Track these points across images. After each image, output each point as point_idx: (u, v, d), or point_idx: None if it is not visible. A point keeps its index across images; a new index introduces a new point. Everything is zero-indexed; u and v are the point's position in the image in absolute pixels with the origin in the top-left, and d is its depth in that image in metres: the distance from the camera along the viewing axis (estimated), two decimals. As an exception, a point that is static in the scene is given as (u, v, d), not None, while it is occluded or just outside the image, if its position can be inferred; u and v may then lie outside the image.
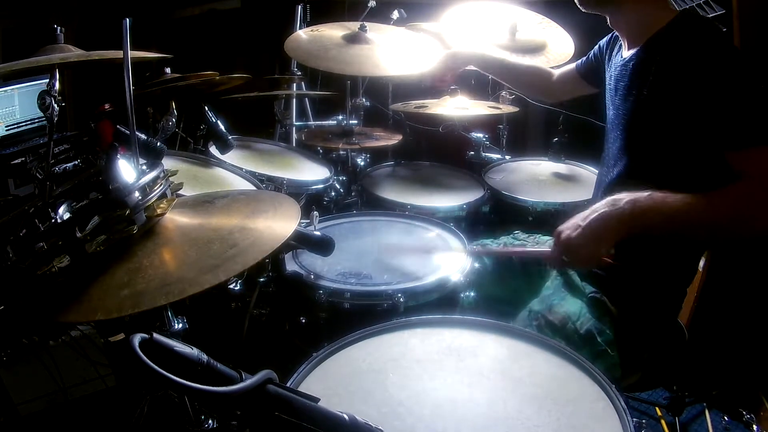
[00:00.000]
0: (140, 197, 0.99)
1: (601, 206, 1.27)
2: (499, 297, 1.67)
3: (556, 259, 1.36)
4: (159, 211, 1.01)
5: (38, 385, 1.87)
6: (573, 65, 1.90)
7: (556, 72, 1.98)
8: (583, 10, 1.48)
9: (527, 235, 1.80)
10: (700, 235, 1.35)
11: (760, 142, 1.19)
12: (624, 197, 1.25)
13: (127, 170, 1.00)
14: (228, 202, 1.20)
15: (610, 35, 1.66)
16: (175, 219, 1.04)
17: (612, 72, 1.54)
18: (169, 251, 0.97)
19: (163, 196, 1.04)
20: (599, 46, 1.72)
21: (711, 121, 1.23)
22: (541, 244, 1.74)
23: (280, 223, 1.05)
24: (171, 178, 1.09)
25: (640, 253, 1.38)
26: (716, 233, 1.28)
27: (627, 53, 1.47)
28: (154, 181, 1.03)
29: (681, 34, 1.30)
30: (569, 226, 1.31)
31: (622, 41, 1.52)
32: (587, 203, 1.73)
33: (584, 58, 1.84)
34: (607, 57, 1.62)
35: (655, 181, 1.37)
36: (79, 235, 0.96)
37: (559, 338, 1.36)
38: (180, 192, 1.20)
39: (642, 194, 1.24)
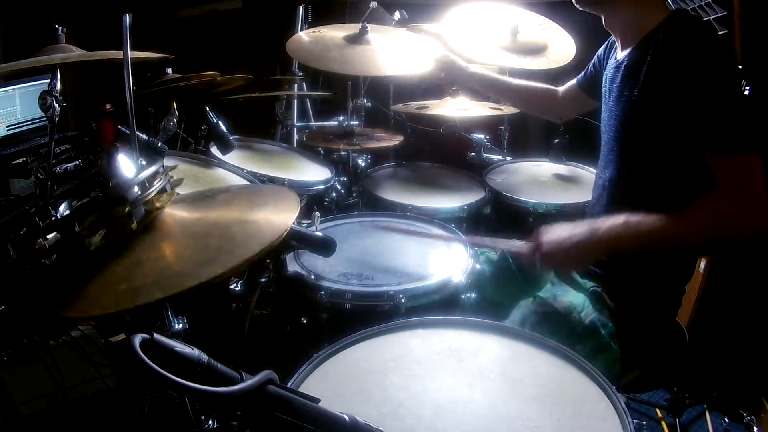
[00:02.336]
0: (139, 192, 0.99)
1: (582, 232, 1.32)
2: (497, 301, 1.67)
3: (529, 262, 1.41)
4: (158, 205, 1.01)
5: (39, 385, 1.87)
6: (574, 81, 1.90)
7: (560, 89, 1.98)
8: (579, 8, 1.48)
9: (524, 242, 1.80)
10: (681, 251, 1.41)
11: (737, 149, 1.20)
12: (602, 226, 1.30)
13: (126, 165, 1.01)
14: (229, 197, 1.20)
15: (606, 43, 1.66)
16: (175, 213, 1.04)
17: (606, 74, 1.54)
18: (168, 245, 0.97)
19: (162, 190, 1.04)
20: (597, 56, 1.72)
21: (694, 121, 1.24)
22: None
23: (279, 216, 1.04)
24: (170, 174, 1.09)
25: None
26: (695, 249, 1.33)
27: (621, 54, 1.47)
28: (154, 176, 1.03)
29: (672, 34, 1.30)
30: (552, 242, 1.35)
31: (616, 43, 1.52)
32: (588, 205, 1.74)
33: (584, 72, 1.83)
34: (604, 63, 1.63)
35: (644, 183, 1.39)
36: (77, 229, 0.96)
37: (563, 326, 1.38)
38: (180, 192, 1.20)
39: (617, 221, 1.28)
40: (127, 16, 0.99)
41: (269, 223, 1.02)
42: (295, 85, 3.04)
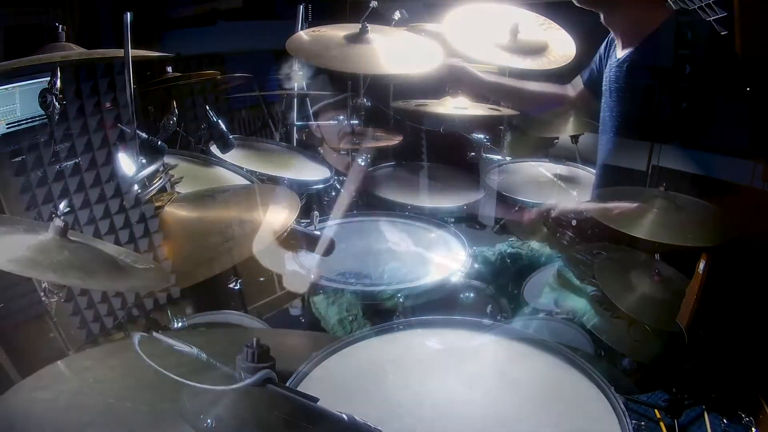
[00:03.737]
0: (140, 190, 0.99)
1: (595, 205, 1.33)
2: (497, 296, 1.68)
3: (531, 225, 1.45)
4: (158, 204, 1.02)
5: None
6: (581, 83, 1.89)
7: (573, 93, 1.96)
8: (578, 5, 1.48)
9: (522, 242, 1.80)
10: None
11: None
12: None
13: (127, 164, 1.01)
14: (229, 196, 1.20)
15: (606, 41, 1.65)
16: (175, 212, 1.04)
17: (608, 74, 1.54)
18: (167, 244, 0.98)
19: (162, 189, 1.04)
20: (598, 54, 1.72)
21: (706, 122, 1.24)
22: (535, 251, 1.76)
23: (278, 215, 1.05)
24: (170, 173, 1.09)
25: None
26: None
27: (621, 53, 1.46)
28: (154, 174, 1.03)
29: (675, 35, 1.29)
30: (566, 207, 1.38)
31: (616, 41, 1.52)
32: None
33: (588, 73, 1.82)
34: (605, 62, 1.62)
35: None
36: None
37: (565, 332, 1.37)
38: (180, 190, 1.20)
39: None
40: (128, 14, 0.99)
41: (269, 223, 1.02)
42: (295, 84, 3.03)
